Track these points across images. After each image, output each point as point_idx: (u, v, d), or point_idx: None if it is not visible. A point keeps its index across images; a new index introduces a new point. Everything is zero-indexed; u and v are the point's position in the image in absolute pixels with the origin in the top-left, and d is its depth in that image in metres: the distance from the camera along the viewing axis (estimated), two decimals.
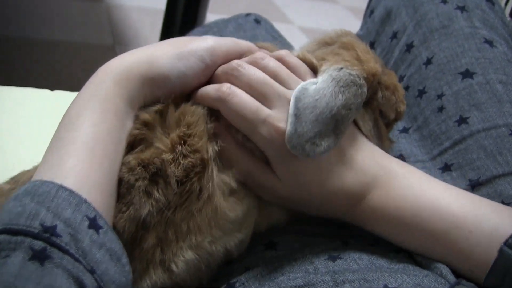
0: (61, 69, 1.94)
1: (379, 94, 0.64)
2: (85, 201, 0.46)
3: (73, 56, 2.04)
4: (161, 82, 0.58)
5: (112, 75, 0.56)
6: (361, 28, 0.97)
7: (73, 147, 0.50)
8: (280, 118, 0.58)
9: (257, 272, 0.62)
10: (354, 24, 2.94)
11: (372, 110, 0.65)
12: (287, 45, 0.99)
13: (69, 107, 0.55)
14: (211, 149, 0.57)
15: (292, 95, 0.58)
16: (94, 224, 0.46)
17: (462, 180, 0.71)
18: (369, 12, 0.95)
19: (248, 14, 1.00)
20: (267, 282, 0.59)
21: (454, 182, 0.71)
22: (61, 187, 0.46)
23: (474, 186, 0.70)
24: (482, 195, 0.68)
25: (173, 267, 0.55)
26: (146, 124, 0.57)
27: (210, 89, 0.60)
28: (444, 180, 0.72)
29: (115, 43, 2.20)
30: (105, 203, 0.50)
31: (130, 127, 0.56)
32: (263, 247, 0.65)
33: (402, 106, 0.67)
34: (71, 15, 2.33)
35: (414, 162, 0.75)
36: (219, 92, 0.59)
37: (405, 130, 0.79)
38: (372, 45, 0.91)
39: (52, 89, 1.02)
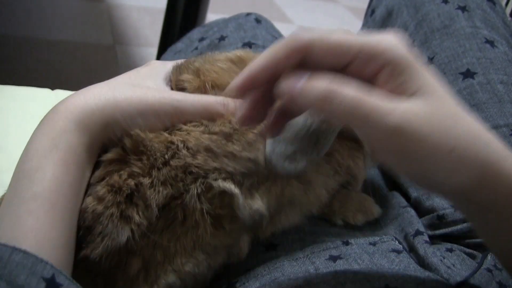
0: (62, 68, 1.94)
1: None
2: (41, 261, 0.44)
3: (73, 56, 2.04)
4: (119, 131, 0.54)
5: (75, 121, 0.51)
6: (362, 27, 0.97)
7: (34, 204, 0.47)
8: None
9: (257, 272, 0.62)
10: (354, 24, 2.95)
11: None
12: None
13: (26, 155, 0.50)
14: (194, 191, 0.54)
15: None
16: (52, 284, 0.43)
17: None
18: (370, 11, 0.95)
19: (248, 14, 1.00)
20: (268, 282, 0.59)
21: None
22: (14, 249, 0.43)
23: None
24: None
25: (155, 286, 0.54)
26: (111, 162, 0.54)
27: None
28: None
29: (115, 42, 2.19)
30: (67, 258, 0.49)
31: (89, 176, 0.53)
32: (264, 248, 0.65)
33: None
34: (71, 14, 2.33)
35: None
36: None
37: None
38: None
39: (52, 88, 1.02)
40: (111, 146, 0.54)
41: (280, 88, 0.43)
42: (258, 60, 0.44)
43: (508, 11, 1.26)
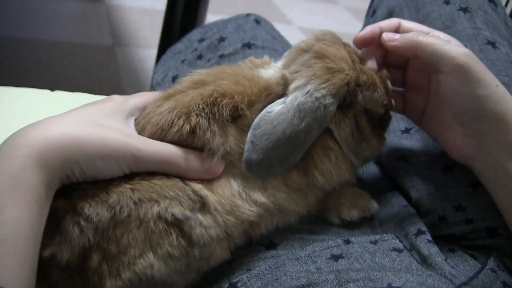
0: (61, 69, 1.94)
1: (360, 97, 0.64)
2: None
3: (73, 57, 2.04)
4: (78, 172, 0.54)
5: (35, 159, 0.50)
6: (363, 28, 0.97)
7: None
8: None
9: (259, 272, 0.62)
10: (353, 24, 2.95)
11: (354, 114, 0.65)
12: (287, 45, 0.99)
13: None
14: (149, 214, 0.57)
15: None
16: None
17: (464, 180, 0.71)
18: (371, 12, 0.95)
19: (248, 15, 1.00)
20: (270, 281, 0.59)
21: (456, 183, 0.71)
22: None
23: (476, 187, 0.70)
24: (484, 196, 0.68)
25: (119, 280, 0.56)
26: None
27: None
28: (446, 182, 0.72)
29: (114, 43, 2.19)
30: None
31: (47, 213, 0.52)
32: (264, 248, 0.65)
33: (386, 98, 0.67)
34: (71, 15, 2.33)
35: (416, 163, 0.75)
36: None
37: (407, 131, 0.79)
38: None
39: (52, 89, 1.02)
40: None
41: (386, 37, 0.66)
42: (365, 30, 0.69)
43: (507, 11, 1.26)
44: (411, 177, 0.75)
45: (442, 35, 0.66)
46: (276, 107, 0.60)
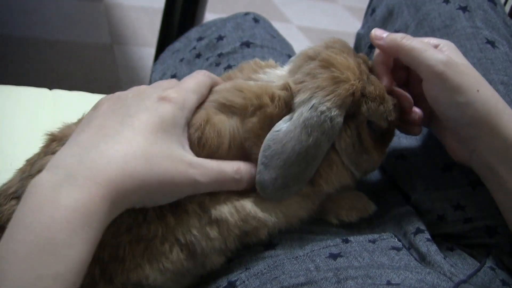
0: (60, 68, 1.94)
1: (364, 108, 0.63)
2: None
3: (71, 55, 2.04)
4: (138, 205, 0.56)
5: (111, 202, 0.50)
6: (362, 26, 0.97)
7: (53, 285, 0.45)
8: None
9: (257, 271, 0.62)
10: (352, 23, 2.95)
11: (356, 125, 0.64)
12: (285, 44, 0.98)
13: (53, 220, 0.47)
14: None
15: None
16: None
17: (463, 179, 0.71)
18: (371, 10, 0.95)
19: (246, 13, 1.00)
20: (268, 280, 0.59)
21: (455, 182, 0.71)
22: None
23: (475, 186, 0.70)
24: (483, 195, 0.68)
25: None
26: None
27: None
28: (445, 181, 0.72)
29: (113, 42, 2.19)
30: None
31: None
32: (263, 247, 0.65)
33: (392, 115, 0.66)
34: (69, 14, 2.32)
35: (415, 162, 0.75)
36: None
37: None
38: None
39: (50, 88, 1.02)
40: None
41: (373, 34, 0.67)
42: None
43: (506, 10, 1.26)
44: (410, 176, 0.75)
45: (432, 40, 0.66)
46: (284, 125, 0.60)
